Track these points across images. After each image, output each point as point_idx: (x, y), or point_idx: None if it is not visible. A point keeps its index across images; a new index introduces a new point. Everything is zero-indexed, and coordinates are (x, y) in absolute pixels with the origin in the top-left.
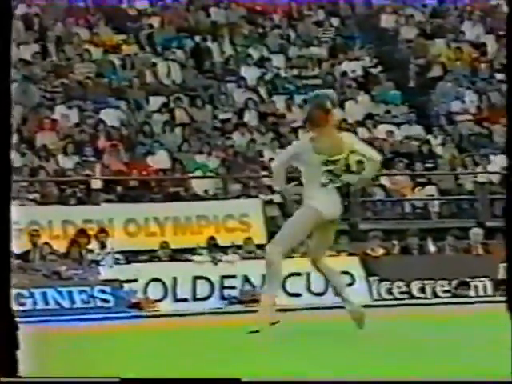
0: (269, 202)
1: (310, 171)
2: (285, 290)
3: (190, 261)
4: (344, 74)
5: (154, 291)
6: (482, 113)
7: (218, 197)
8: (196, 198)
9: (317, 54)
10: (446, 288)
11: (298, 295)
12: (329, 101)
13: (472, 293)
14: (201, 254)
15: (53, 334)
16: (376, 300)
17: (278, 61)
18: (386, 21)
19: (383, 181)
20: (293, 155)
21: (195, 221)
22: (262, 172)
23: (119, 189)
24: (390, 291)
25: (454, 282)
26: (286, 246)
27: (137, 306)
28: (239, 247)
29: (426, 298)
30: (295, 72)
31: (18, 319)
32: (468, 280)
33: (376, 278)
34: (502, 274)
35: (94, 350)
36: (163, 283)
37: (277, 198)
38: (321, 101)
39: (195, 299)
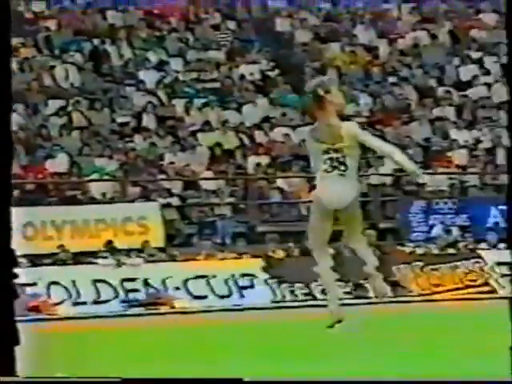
0: (167, 205)
1: (314, 161)
2: (189, 293)
3: (93, 263)
4: (242, 77)
5: (55, 294)
6: (375, 115)
7: (116, 200)
8: (94, 201)
9: (215, 57)
10: (346, 290)
11: (203, 297)
12: (321, 88)
13: (370, 294)
14: (105, 258)
15: None
16: (277, 302)
17: (176, 64)
18: (282, 24)
19: (280, 183)
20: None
21: (93, 224)
22: (161, 175)
23: (16, 192)
24: (292, 293)
25: (351, 284)
26: (314, 244)
27: (35, 309)
28: (137, 250)
29: (326, 300)
30: (194, 75)
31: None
32: (362, 282)
33: (277, 279)
34: (396, 274)
35: None
36: (63, 287)
37: (175, 201)
38: (313, 89)
39: (95, 302)
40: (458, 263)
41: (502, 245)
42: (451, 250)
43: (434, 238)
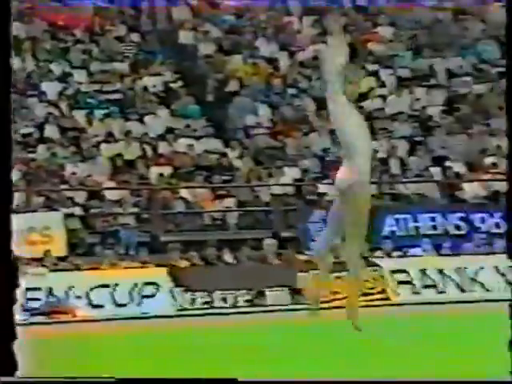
0: (70, 215)
1: None
2: (90, 302)
3: None
4: (145, 88)
5: None
6: (275, 126)
7: (19, 210)
8: None
9: (119, 68)
10: (247, 298)
11: (102, 306)
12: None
13: (269, 302)
14: None
15: None
16: (180, 310)
17: (79, 76)
18: (185, 37)
19: (183, 193)
20: None
21: None
22: (63, 185)
23: None
24: (194, 301)
25: (253, 292)
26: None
27: None
28: (40, 260)
29: (227, 308)
30: (96, 87)
31: None
32: (265, 290)
33: (181, 288)
34: (298, 282)
35: None
36: None
37: (77, 211)
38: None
39: None
40: None
41: (396, 253)
42: None
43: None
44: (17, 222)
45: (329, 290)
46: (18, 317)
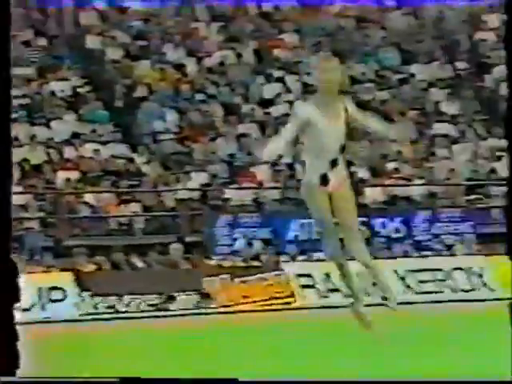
0: None
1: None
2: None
3: None
4: (52, 93)
5: None
6: (183, 132)
7: None
8: None
9: (25, 73)
10: (154, 302)
11: None
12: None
13: (177, 306)
14: None
15: None
16: (87, 314)
17: None
18: (93, 42)
19: (89, 198)
20: None
21: None
22: None
23: None
24: (97, 305)
25: (163, 296)
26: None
27: None
28: None
29: (135, 312)
30: None
31: None
32: (175, 294)
33: (89, 293)
34: (205, 286)
35: None
36: None
37: None
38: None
39: None
40: (264, 275)
41: (301, 257)
42: (255, 263)
43: (237, 251)
44: None
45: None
46: None
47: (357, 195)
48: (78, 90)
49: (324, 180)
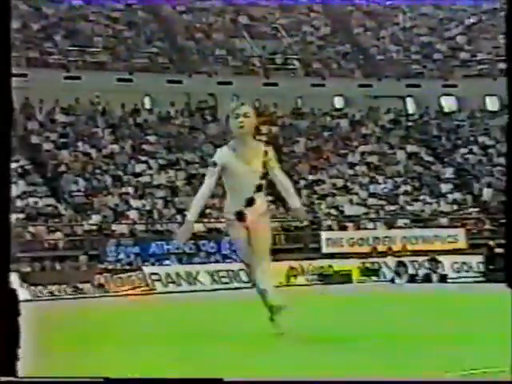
0: None
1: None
2: None
3: None
4: None
5: None
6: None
7: None
8: None
9: None
10: (68, 290)
11: None
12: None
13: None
14: None
15: None
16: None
17: None
18: None
19: None
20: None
21: None
22: None
23: None
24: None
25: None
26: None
27: None
28: None
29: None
30: None
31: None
32: (79, 285)
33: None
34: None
35: None
36: None
37: None
38: (239, 106)
39: None
40: (133, 273)
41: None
42: (127, 267)
43: (118, 260)
44: None
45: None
46: None
47: None
48: None
49: (240, 216)
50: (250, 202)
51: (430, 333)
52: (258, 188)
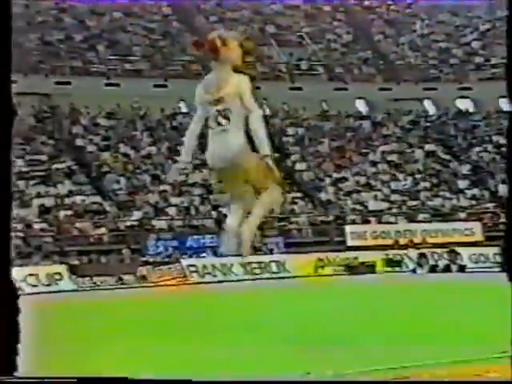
0: None
1: (201, 116)
2: None
3: None
4: None
5: None
6: None
7: None
8: None
9: None
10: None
11: None
12: (219, 39)
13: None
14: None
15: None
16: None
17: None
18: None
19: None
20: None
21: None
22: None
23: None
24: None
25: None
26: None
27: None
28: None
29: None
30: None
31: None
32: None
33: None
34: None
35: None
36: None
37: None
38: (211, 39)
39: None
40: (171, 265)
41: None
42: (166, 259)
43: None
44: None
45: None
46: None
47: None
48: None
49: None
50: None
51: (452, 319)
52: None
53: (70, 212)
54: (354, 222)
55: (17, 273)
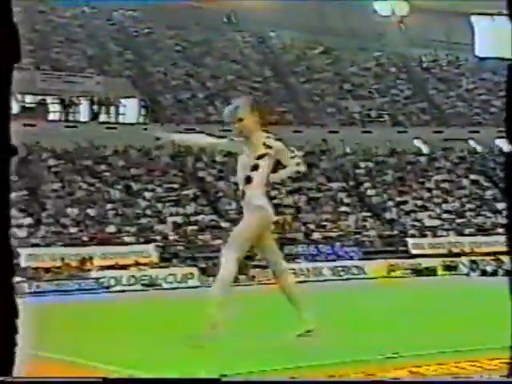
0: None
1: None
2: None
3: None
4: None
5: None
6: None
7: None
8: None
9: None
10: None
11: None
12: (239, 110)
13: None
14: None
15: None
16: None
17: None
18: None
19: None
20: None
21: None
22: None
23: None
24: None
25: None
26: (241, 251)
27: None
28: None
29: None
30: None
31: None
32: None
33: None
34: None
35: None
36: None
37: None
38: (230, 114)
39: None
40: None
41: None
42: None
43: None
44: None
45: None
46: None
47: None
48: None
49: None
50: (243, 195)
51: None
52: (247, 180)
53: (195, 227)
54: (413, 236)
55: (158, 273)
